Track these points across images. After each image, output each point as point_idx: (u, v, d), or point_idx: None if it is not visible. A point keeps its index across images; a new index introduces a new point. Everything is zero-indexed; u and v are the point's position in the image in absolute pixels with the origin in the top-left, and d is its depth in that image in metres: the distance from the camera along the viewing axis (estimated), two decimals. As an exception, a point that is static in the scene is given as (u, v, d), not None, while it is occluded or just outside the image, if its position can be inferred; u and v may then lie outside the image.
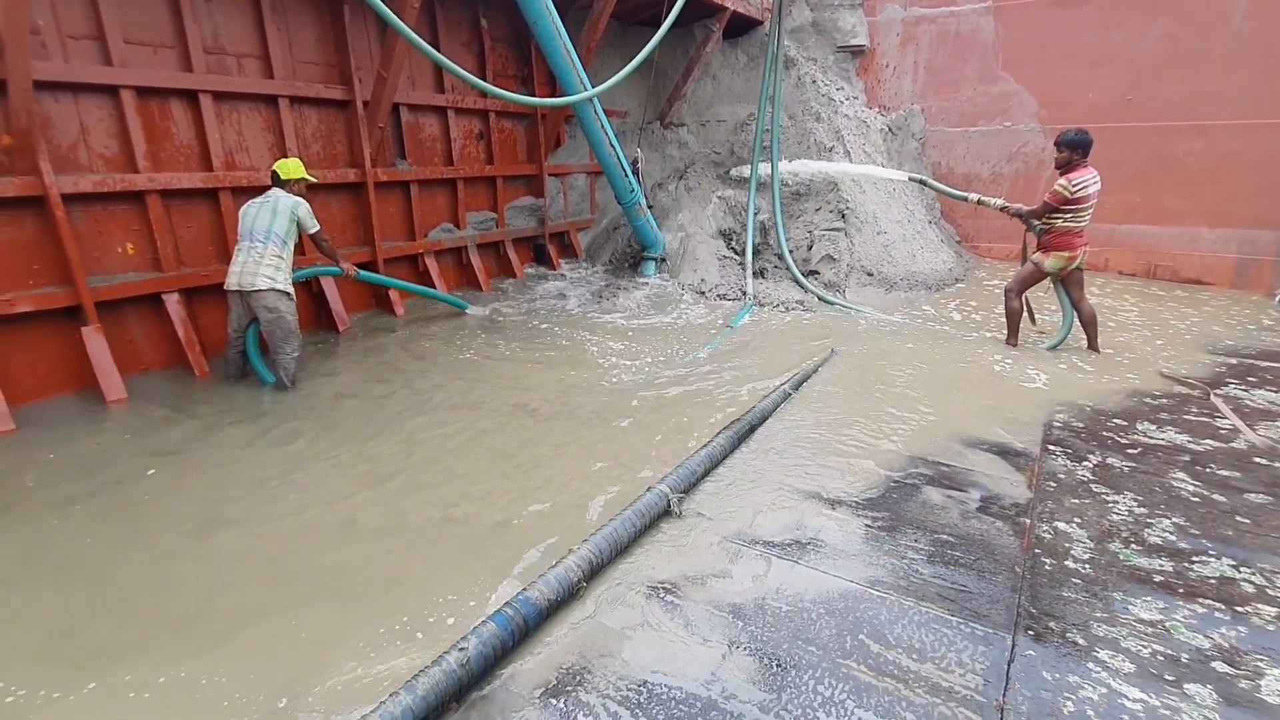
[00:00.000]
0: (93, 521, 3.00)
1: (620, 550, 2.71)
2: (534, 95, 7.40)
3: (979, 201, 5.87)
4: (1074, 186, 4.96)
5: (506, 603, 2.24)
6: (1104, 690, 2.04)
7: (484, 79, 6.58)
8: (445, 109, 6.62)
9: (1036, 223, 5.34)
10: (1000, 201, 5.76)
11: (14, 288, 4.02)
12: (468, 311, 6.35)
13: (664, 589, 2.49)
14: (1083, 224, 5.10)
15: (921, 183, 6.69)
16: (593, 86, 6.04)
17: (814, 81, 8.76)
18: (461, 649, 2.03)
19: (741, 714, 1.93)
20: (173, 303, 4.65)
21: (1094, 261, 7.69)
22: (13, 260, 4.02)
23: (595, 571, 2.55)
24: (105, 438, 3.83)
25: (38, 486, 3.29)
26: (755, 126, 8.00)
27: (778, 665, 2.12)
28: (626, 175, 7.00)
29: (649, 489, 3.03)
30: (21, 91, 3.67)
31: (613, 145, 6.75)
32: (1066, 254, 5.19)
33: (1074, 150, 5.00)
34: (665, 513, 2.98)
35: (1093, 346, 5.45)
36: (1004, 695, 2.02)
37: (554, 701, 1.97)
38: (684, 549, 2.76)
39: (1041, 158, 8.63)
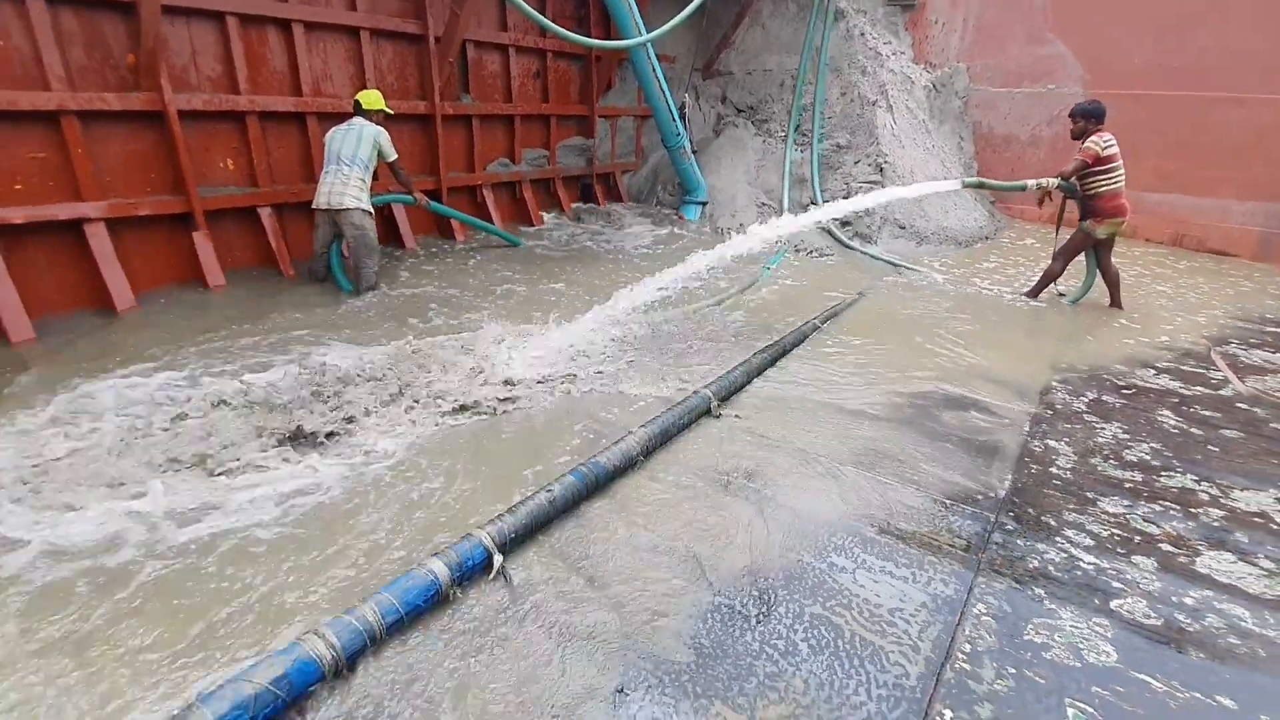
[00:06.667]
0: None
1: (669, 438, 3.22)
2: (590, 37, 7.65)
3: (1038, 187, 5.50)
4: (1104, 143, 5.20)
5: (581, 463, 2.77)
6: (1065, 555, 2.52)
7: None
8: (507, 47, 6.94)
9: (1078, 190, 5.45)
10: (1035, 182, 5.49)
11: (135, 194, 4.55)
12: (520, 246, 6.80)
13: (700, 465, 3.01)
14: (1122, 185, 5.35)
15: (979, 185, 6.03)
16: (648, 31, 6.31)
17: (862, 34, 8.86)
18: (549, 491, 2.57)
19: (768, 552, 2.46)
20: (266, 215, 5.17)
21: (1123, 227, 7.87)
22: (135, 169, 4.54)
23: (649, 450, 3.07)
24: (212, 317, 4.47)
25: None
26: (798, 78, 8.20)
27: (801, 533, 2.62)
28: (674, 119, 7.30)
29: (695, 392, 3.53)
30: (151, 15, 4.10)
31: (663, 89, 7.05)
32: (1119, 219, 5.40)
33: (1089, 119, 5.26)
34: (706, 413, 3.48)
35: (1116, 304, 5.78)
36: (982, 552, 2.51)
37: (613, 525, 2.51)
38: (719, 441, 3.26)
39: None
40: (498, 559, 2.23)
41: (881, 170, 7.84)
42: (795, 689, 1.87)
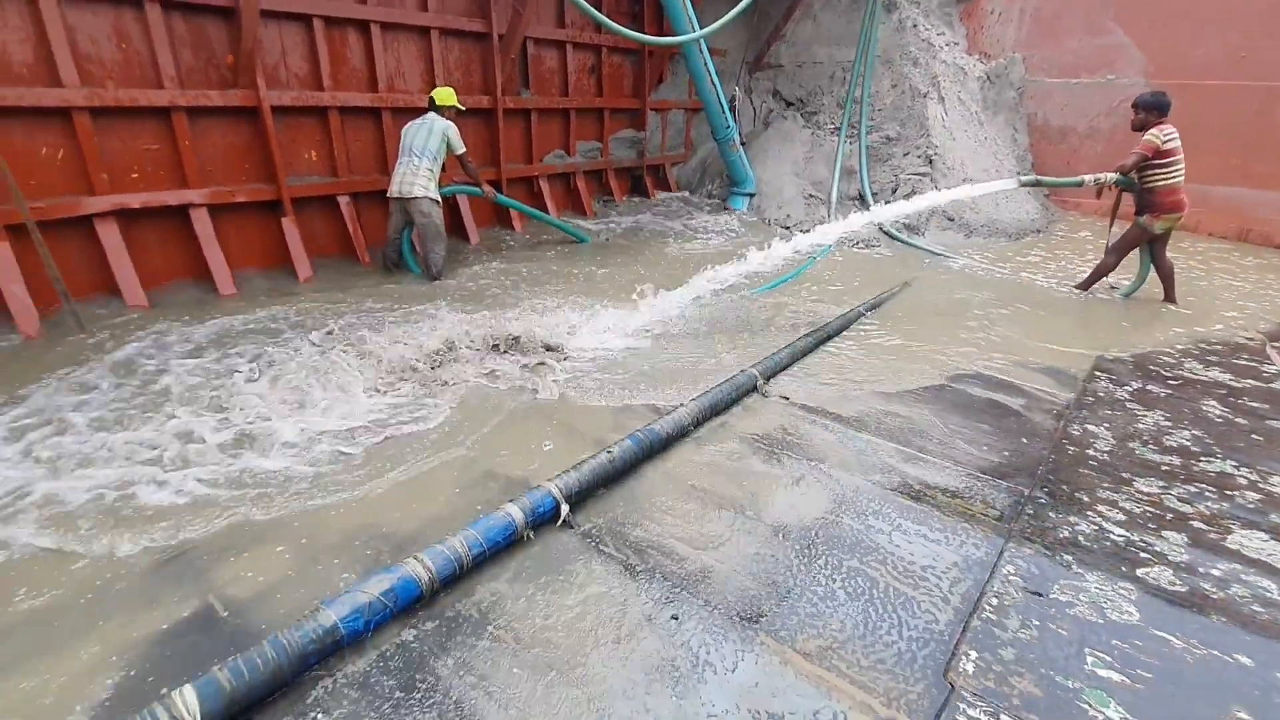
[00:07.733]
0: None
1: (717, 411, 3.45)
2: (644, 33, 7.87)
3: (1095, 182, 5.49)
4: (1164, 136, 5.17)
5: (638, 429, 3.02)
6: (1095, 527, 2.65)
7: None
8: (565, 43, 7.23)
9: (1136, 184, 5.40)
10: (1092, 177, 5.48)
11: (233, 182, 5.00)
12: (587, 243, 6.78)
13: (747, 436, 3.23)
14: (1181, 179, 5.30)
15: (1035, 184, 5.93)
16: (700, 25, 6.49)
17: (915, 25, 8.84)
18: (609, 452, 2.83)
19: (809, 512, 2.67)
20: (345, 204, 5.58)
21: (1185, 221, 7.69)
22: (232, 159, 4.98)
23: (700, 422, 3.30)
24: (301, 302, 4.88)
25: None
26: (852, 71, 8.25)
27: (841, 498, 2.82)
28: (725, 112, 7.47)
29: (742, 370, 3.75)
30: (251, 18, 4.51)
31: (714, 83, 7.22)
32: (1177, 214, 5.35)
33: (1150, 111, 5.21)
34: (752, 390, 3.69)
35: (1170, 299, 5.72)
36: (1014, 522, 2.67)
37: (668, 484, 2.76)
38: (764, 416, 3.47)
39: (1143, 113, 8.52)
40: (564, 508, 2.50)
41: (931, 162, 7.86)
42: (833, 627, 2.09)
